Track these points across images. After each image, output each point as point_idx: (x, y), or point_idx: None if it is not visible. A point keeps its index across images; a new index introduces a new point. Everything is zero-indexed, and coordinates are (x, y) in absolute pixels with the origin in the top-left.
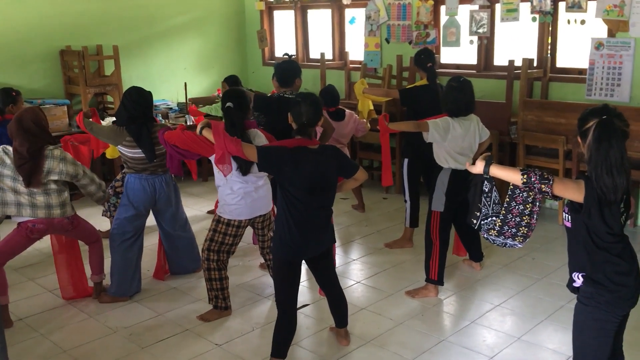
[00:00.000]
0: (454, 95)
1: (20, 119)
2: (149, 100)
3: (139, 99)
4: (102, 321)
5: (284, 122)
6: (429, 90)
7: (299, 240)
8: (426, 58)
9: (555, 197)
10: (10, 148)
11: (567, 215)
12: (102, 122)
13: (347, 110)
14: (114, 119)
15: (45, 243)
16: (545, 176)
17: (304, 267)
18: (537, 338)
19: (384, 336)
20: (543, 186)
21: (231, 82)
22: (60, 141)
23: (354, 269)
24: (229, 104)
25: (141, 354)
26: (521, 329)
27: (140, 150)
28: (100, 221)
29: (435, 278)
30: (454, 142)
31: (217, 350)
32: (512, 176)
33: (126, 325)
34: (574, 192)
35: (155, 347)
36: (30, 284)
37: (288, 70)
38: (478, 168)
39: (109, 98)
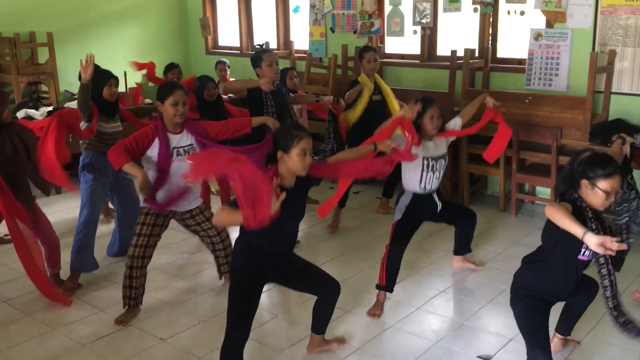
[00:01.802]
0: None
1: None
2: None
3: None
4: (39, 319)
5: None
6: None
7: None
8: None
9: None
10: None
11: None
12: (37, 112)
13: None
14: (49, 108)
15: None
16: None
17: None
18: (480, 322)
19: (330, 326)
20: None
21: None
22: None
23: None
24: None
25: (82, 352)
26: (465, 314)
27: (117, 124)
28: None
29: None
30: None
31: (162, 344)
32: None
33: (65, 323)
34: None
35: (97, 344)
36: None
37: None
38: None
39: (44, 87)
